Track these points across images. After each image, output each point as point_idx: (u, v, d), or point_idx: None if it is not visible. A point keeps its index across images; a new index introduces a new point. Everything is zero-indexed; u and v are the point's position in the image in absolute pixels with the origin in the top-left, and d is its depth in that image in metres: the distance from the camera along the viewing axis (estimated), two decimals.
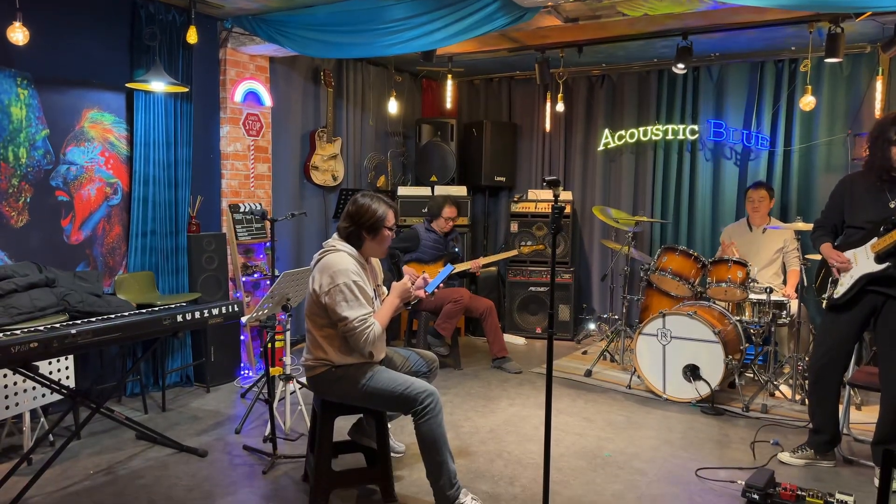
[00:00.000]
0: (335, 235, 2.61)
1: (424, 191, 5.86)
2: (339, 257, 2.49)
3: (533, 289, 5.80)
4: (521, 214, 5.87)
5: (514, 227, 5.88)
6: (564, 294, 5.75)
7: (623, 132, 5.83)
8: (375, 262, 2.76)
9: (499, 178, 6.24)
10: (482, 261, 4.80)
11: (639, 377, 4.29)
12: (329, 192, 5.58)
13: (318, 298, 2.47)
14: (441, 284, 2.75)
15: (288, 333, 3.40)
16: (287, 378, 3.38)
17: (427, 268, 4.78)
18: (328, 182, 5.45)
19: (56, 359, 3.22)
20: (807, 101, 4.28)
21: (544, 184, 2.60)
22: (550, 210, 2.61)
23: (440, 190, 5.82)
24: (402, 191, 5.86)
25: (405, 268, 4.61)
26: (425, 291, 2.70)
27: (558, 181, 2.37)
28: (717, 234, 5.36)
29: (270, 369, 3.11)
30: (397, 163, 6.31)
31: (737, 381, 4.04)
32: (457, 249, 4.87)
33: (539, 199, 5.87)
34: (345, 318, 2.43)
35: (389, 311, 2.57)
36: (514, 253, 5.14)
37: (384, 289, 2.80)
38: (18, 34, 3.13)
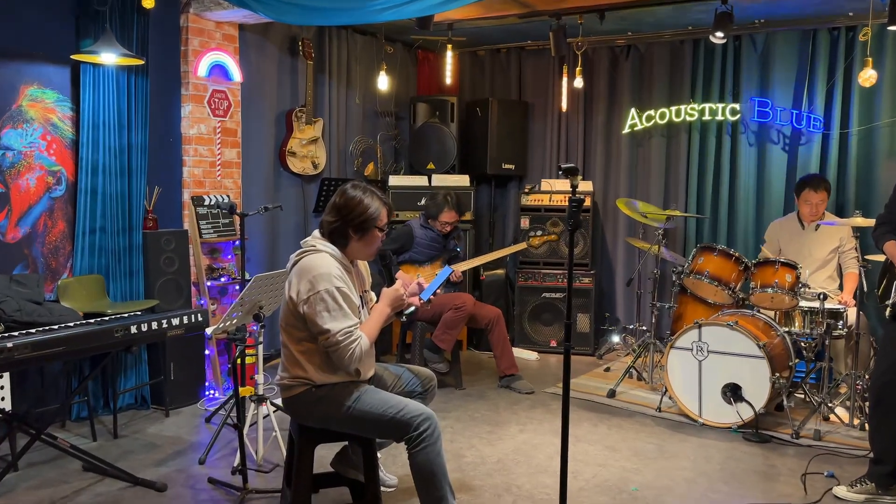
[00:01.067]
0: (316, 232, 2.62)
1: (420, 180, 5.85)
2: (321, 259, 2.49)
3: (547, 295, 5.81)
4: (532, 208, 5.88)
5: (524, 222, 5.89)
6: (583, 301, 5.74)
7: (652, 112, 5.84)
8: (363, 264, 2.77)
9: (507, 166, 6.23)
10: (464, 266, 4.81)
11: (670, 398, 4.29)
12: (309, 182, 5.56)
13: (296, 307, 2.48)
14: (439, 290, 2.84)
15: (260, 347, 3.43)
16: (259, 399, 3.39)
17: (422, 270, 4.79)
18: (307, 170, 5.44)
19: None
20: (866, 76, 4.26)
21: (560, 172, 2.53)
22: (567, 203, 2.66)
23: (438, 180, 5.81)
24: (394, 180, 5.85)
25: (398, 272, 4.64)
26: (420, 299, 2.71)
27: (576, 169, 2.36)
28: (761, 231, 5.35)
29: (240, 389, 3.14)
30: (388, 148, 6.31)
31: (785, 402, 4.04)
32: (458, 249, 4.90)
33: (554, 191, 5.86)
34: (327, 331, 2.43)
35: (379, 322, 2.59)
36: (519, 247, 5.17)
37: (372, 295, 2.82)
38: None
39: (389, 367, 2.94)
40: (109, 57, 3.75)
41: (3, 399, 3.25)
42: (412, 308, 2.69)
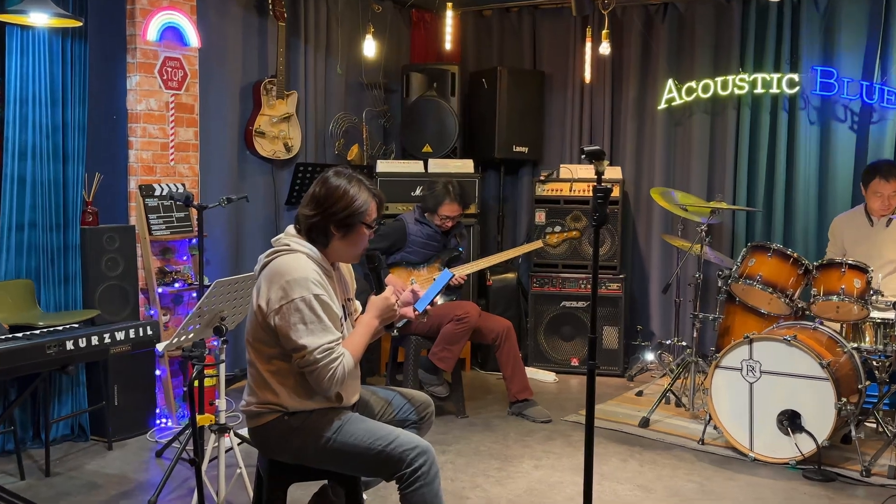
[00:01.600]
0: (291, 228, 2.64)
1: (414, 166, 5.87)
2: (296, 261, 2.51)
3: (567, 304, 5.85)
4: (549, 200, 5.90)
5: (539, 216, 5.93)
6: (611, 311, 5.79)
7: (693, 84, 5.89)
8: (346, 268, 2.80)
9: (519, 149, 6.27)
10: (468, 269, 4.81)
11: (715, 428, 4.32)
12: (280, 169, 5.60)
13: (265, 319, 2.50)
14: (437, 298, 2.78)
15: (222, 367, 3.47)
16: (221, 429, 3.42)
17: (418, 274, 4.82)
18: (279, 153, 5.48)
19: None
20: None
21: (583, 156, 2.56)
22: (591, 193, 2.75)
23: (437, 166, 5.81)
24: (383, 166, 5.85)
25: (389, 276, 4.66)
26: (415, 309, 2.74)
27: (602, 152, 2.38)
28: (824, 227, 5.38)
29: (198, 417, 3.15)
30: (376, 127, 6.34)
31: (853, 433, 4.01)
32: (461, 249, 4.92)
33: (576, 179, 5.89)
34: (302, 348, 2.45)
35: (365, 337, 2.61)
36: (534, 247, 5.17)
37: (358, 304, 2.85)
38: None
39: (377, 390, 2.96)
40: (40, 17, 3.73)
41: None
42: (405, 320, 2.72)
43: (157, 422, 4.53)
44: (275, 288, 2.47)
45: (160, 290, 4.65)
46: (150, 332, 3.81)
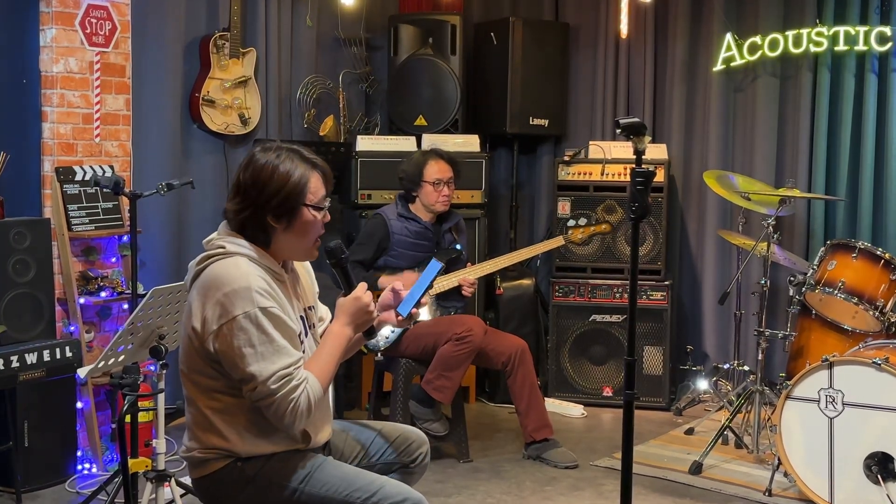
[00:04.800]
0: (223, 226, 2.67)
1: (404, 143, 5.85)
2: (234, 267, 2.53)
3: (598, 318, 5.85)
4: (576, 186, 5.90)
5: (563, 207, 5.93)
6: (654, 327, 5.78)
7: (758, 40, 5.88)
8: (302, 267, 2.83)
9: (537, 122, 6.22)
10: (478, 270, 4.87)
11: (786, 475, 4.32)
12: (235, 146, 5.60)
13: (203, 344, 2.53)
14: (424, 299, 2.78)
15: (161, 398, 3.45)
16: (159, 478, 3.38)
17: (405, 279, 4.86)
18: (233, 127, 5.50)
19: None
20: None
21: (619, 131, 2.61)
22: (629, 178, 2.63)
23: (433, 142, 5.74)
24: (365, 143, 5.82)
25: (382, 278, 4.72)
26: (398, 314, 2.76)
27: (643, 126, 2.42)
28: None
29: (130, 462, 3.13)
30: (356, 94, 6.31)
31: None
32: (459, 246, 4.95)
33: (609, 160, 5.88)
34: (252, 377, 2.47)
35: (335, 354, 2.62)
36: (554, 244, 5.20)
37: (324, 312, 2.88)
38: None
39: (351, 428, 2.97)
40: None
41: None
42: (390, 333, 2.74)
43: (79, 467, 4.53)
44: (211, 304, 2.49)
45: (82, 300, 4.63)
46: (69, 354, 3.92)
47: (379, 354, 4.49)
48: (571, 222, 5.51)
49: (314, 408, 2.51)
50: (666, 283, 5.82)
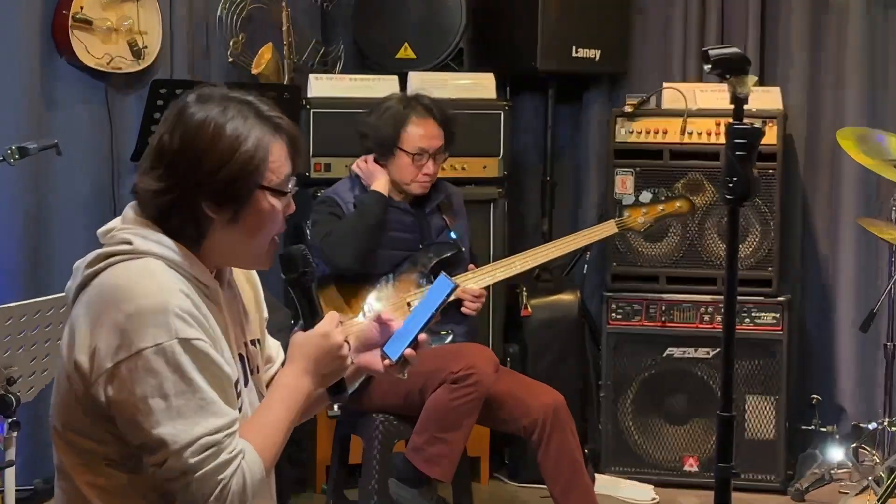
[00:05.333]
0: (130, 210, 2.42)
1: (380, 86, 5.23)
2: (144, 273, 2.32)
3: (676, 352, 5.28)
4: (642, 150, 5.33)
5: (622, 183, 5.32)
6: (763, 367, 5.24)
7: None
8: (245, 279, 2.59)
9: (583, 53, 5.55)
10: (486, 276, 4.64)
11: None
12: (123, 90, 5.26)
13: (90, 388, 2.29)
14: (422, 335, 2.51)
15: (9, 476, 3.55)
16: None
17: (373, 294, 4.66)
18: (121, 61, 5.11)
19: None
20: None
21: (708, 67, 2.34)
22: (725, 138, 2.42)
23: (423, 83, 5.16)
24: (322, 85, 5.32)
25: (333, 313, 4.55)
26: (385, 355, 2.51)
27: (745, 60, 2.39)
28: None
29: None
30: (307, 10, 5.85)
31: None
32: (452, 235, 4.68)
33: (693, 111, 5.26)
34: (162, 445, 2.25)
35: (286, 417, 2.42)
36: (601, 234, 4.86)
37: (273, 352, 2.66)
38: None
39: None
40: None
41: None
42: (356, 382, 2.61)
43: None
44: (106, 328, 2.23)
45: None
46: None
47: (336, 408, 4.50)
48: (628, 199, 4.96)
49: (250, 497, 2.30)
50: (780, 299, 5.19)
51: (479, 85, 5.31)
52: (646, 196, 4.91)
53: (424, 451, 4.17)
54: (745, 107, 2.47)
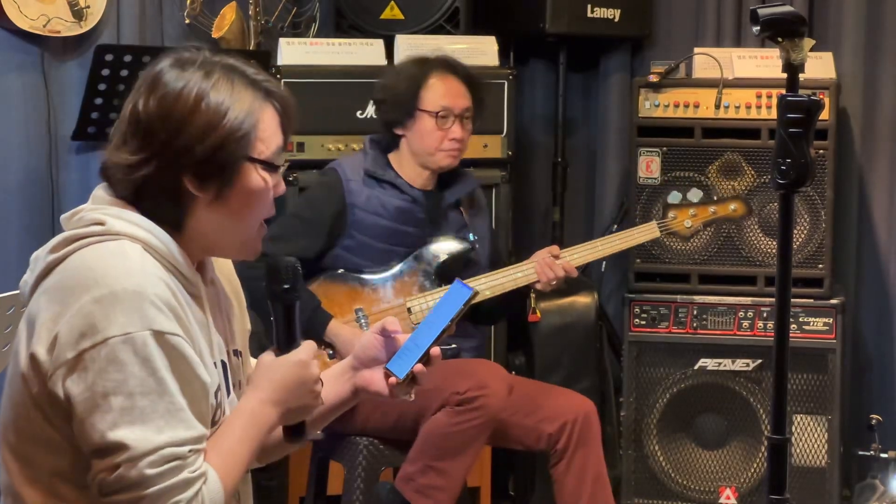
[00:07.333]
0: (100, 190, 2.37)
1: (362, 52, 5.22)
2: (118, 255, 2.25)
3: (708, 362, 5.11)
4: (670, 127, 5.13)
5: (647, 165, 5.14)
6: (813, 382, 5.08)
7: None
8: (230, 282, 2.54)
9: (601, 13, 5.43)
10: (496, 284, 4.51)
11: None
12: (61, 57, 5.25)
13: (47, 382, 2.20)
14: (435, 349, 2.47)
15: None
16: None
17: (370, 299, 4.57)
18: (59, 23, 5.11)
19: None
20: None
21: (756, 29, 2.28)
22: (777, 110, 2.31)
23: (412, 46, 5.14)
24: (293, 51, 5.22)
25: (333, 323, 4.35)
26: (389, 373, 2.47)
27: (800, 20, 2.32)
28: None
29: None
30: None
31: None
32: (471, 236, 4.56)
33: (730, 80, 5.07)
34: (117, 448, 2.13)
35: (251, 446, 2.32)
36: (639, 237, 4.71)
37: (253, 364, 2.58)
38: None
39: None
40: None
41: None
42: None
43: None
44: (70, 314, 2.17)
45: None
46: None
47: (299, 442, 4.35)
48: (674, 197, 4.88)
49: None
50: (833, 302, 4.99)
51: (479, 50, 5.10)
52: (693, 194, 4.83)
53: (417, 482, 4.06)
54: (799, 76, 2.37)
